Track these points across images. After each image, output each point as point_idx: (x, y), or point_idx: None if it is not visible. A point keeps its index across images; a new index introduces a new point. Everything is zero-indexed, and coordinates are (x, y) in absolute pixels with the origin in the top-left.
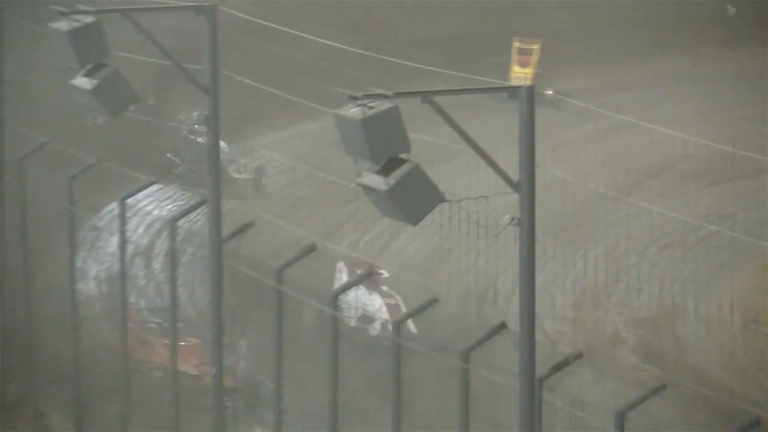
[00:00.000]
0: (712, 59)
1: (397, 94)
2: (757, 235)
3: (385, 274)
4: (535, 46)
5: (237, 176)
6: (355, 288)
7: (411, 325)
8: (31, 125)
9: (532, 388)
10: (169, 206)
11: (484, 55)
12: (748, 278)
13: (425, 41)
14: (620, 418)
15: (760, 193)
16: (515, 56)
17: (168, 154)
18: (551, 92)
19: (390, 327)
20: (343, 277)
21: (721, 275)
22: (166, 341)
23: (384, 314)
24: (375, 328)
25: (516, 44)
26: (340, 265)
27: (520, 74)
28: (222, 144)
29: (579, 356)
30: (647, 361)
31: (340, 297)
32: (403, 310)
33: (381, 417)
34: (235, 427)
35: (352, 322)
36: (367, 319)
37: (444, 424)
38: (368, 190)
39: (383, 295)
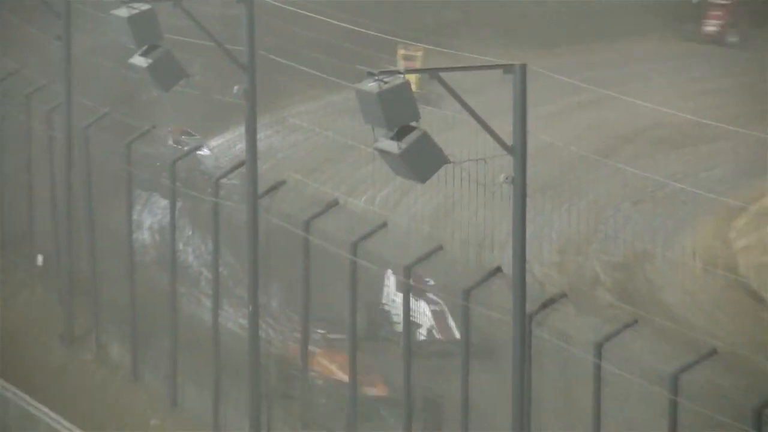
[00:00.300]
0: (677, 41)
1: (408, 71)
2: (715, 192)
3: (431, 282)
4: (418, 53)
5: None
6: (401, 295)
7: (455, 331)
8: (94, 98)
9: (523, 322)
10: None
11: (484, 39)
12: (708, 229)
13: (436, 27)
14: (598, 348)
15: (718, 155)
16: (401, 62)
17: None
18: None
19: (435, 333)
20: (390, 284)
21: (685, 226)
22: (330, 351)
23: (430, 320)
24: (421, 334)
25: (401, 51)
26: (388, 272)
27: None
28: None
29: (563, 296)
30: (621, 299)
31: (386, 303)
32: (449, 316)
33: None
34: None
35: (400, 328)
36: (413, 324)
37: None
38: (383, 153)
39: (429, 302)
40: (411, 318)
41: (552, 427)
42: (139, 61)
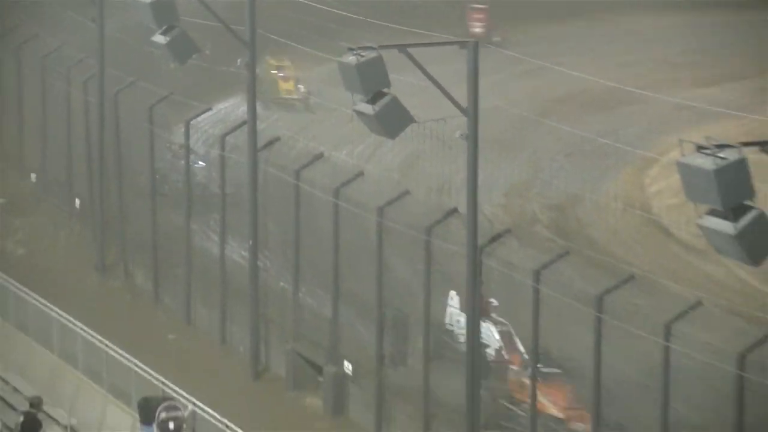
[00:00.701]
0: (601, 22)
1: (381, 47)
2: (633, 146)
3: (495, 303)
4: (286, 63)
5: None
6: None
7: (523, 350)
8: (123, 69)
9: (475, 253)
10: (220, 126)
11: (445, 19)
12: (627, 176)
13: (408, 10)
14: (536, 274)
15: (635, 116)
16: (276, 72)
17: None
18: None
19: (504, 354)
20: (454, 304)
21: (608, 174)
22: (542, 384)
23: (498, 342)
24: (490, 354)
25: (271, 62)
26: (452, 293)
27: (286, 87)
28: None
29: (508, 231)
30: (556, 234)
31: (450, 323)
32: (515, 337)
33: None
34: None
35: (465, 348)
36: (481, 345)
37: None
38: (361, 114)
39: (496, 322)
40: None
41: None
42: (159, 39)
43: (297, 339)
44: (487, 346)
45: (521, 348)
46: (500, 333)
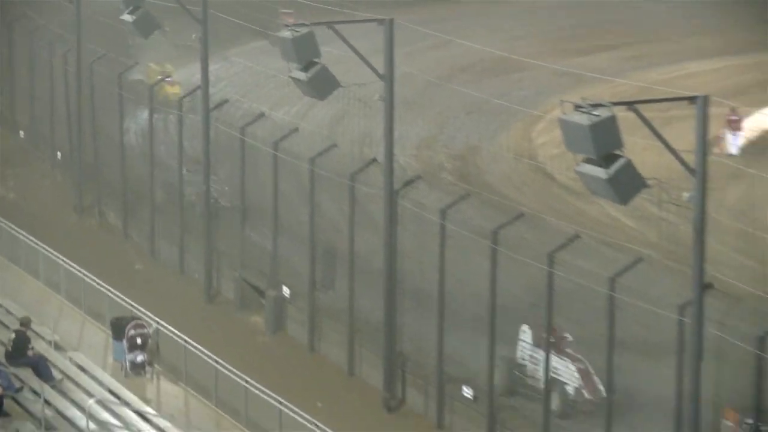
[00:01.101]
0: (495, 4)
1: (312, 24)
2: (522, 105)
3: (570, 338)
4: (169, 68)
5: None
6: (542, 352)
7: (601, 388)
8: (96, 43)
9: (392, 196)
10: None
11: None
12: (517, 131)
13: None
14: (443, 213)
15: (524, 81)
16: (161, 78)
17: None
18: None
19: (584, 392)
20: (527, 339)
21: (502, 129)
22: None
23: (578, 379)
24: (569, 393)
25: (154, 68)
26: (524, 327)
27: (173, 92)
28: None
29: (419, 177)
30: (459, 180)
31: (523, 357)
32: (593, 373)
33: None
34: None
35: (538, 384)
36: (555, 382)
37: None
38: (296, 80)
39: (573, 359)
40: (554, 375)
41: (411, 269)
42: (126, 17)
43: (244, 268)
44: (565, 383)
45: (600, 386)
46: (579, 371)
